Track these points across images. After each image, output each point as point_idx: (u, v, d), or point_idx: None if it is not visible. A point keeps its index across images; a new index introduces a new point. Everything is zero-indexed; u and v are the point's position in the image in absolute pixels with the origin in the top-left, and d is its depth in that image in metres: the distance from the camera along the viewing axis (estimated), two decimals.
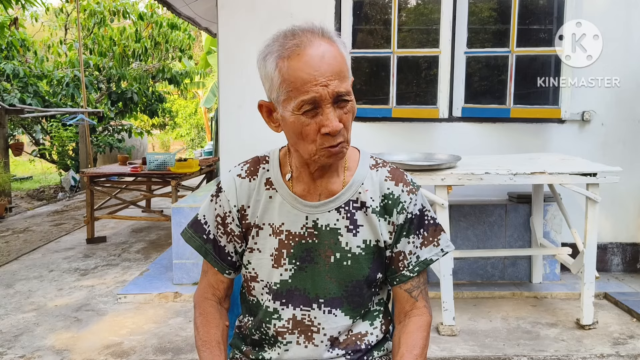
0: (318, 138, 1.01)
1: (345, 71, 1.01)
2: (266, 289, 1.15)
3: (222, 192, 1.16)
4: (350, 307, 1.13)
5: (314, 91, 0.97)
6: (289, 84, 0.99)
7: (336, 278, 1.12)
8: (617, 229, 4.08)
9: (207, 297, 1.20)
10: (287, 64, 0.98)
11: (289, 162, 1.15)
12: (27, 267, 4.54)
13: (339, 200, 1.12)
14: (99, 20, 10.44)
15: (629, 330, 3.08)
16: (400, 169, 1.19)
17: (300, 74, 0.97)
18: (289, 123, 1.02)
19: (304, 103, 0.98)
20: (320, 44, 1.00)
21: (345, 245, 1.12)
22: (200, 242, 1.19)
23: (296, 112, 1.00)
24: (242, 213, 1.15)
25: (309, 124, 1.00)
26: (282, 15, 3.95)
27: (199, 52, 16.50)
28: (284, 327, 1.14)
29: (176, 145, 18.41)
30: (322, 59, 0.98)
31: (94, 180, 5.35)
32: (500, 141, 4.02)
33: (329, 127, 0.99)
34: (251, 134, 4.01)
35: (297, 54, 0.98)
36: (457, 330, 3.03)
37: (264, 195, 1.14)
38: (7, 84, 8.75)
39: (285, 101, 1.01)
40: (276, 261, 1.13)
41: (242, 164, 1.20)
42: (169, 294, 3.66)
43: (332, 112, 0.99)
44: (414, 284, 1.15)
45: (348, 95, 1.01)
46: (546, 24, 4.06)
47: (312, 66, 0.97)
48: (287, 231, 1.13)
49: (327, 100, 0.98)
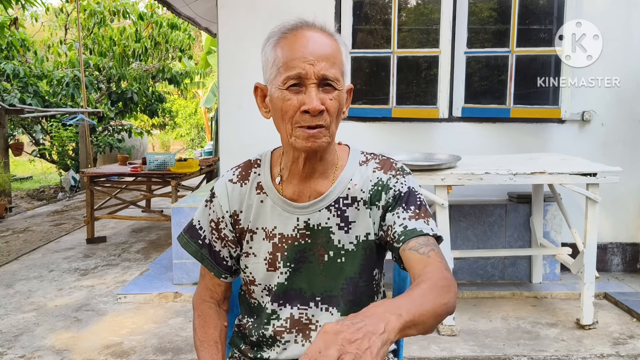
0: (297, 115, 1.01)
1: (339, 60, 1.03)
2: (265, 292, 1.16)
3: (215, 197, 1.17)
4: (347, 305, 1.13)
5: (300, 67, 1.00)
6: (279, 61, 1.02)
7: (331, 276, 1.12)
8: (617, 229, 4.08)
9: (205, 299, 1.21)
10: (281, 43, 1.03)
11: (280, 162, 1.15)
12: (27, 267, 4.54)
13: (328, 199, 1.11)
14: (99, 20, 10.43)
15: (629, 330, 3.08)
16: (390, 159, 1.17)
17: (290, 51, 1.01)
18: (274, 98, 1.04)
19: (289, 78, 1.00)
20: (318, 31, 1.04)
21: (338, 242, 1.11)
22: (196, 248, 1.19)
23: (281, 87, 1.01)
24: (235, 218, 1.16)
25: (290, 98, 1.01)
26: (282, 15, 3.90)
27: (199, 52, 16.50)
28: (282, 326, 1.14)
29: (176, 145, 18.40)
30: (316, 41, 1.02)
31: (94, 180, 5.35)
32: (500, 141, 4.02)
33: (309, 104, 0.99)
34: (251, 134, 4.01)
35: (293, 35, 1.03)
36: (457, 330, 3.03)
37: (255, 200, 1.14)
38: (7, 84, 8.75)
39: (274, 79, 1.03)
40: (271, 265, 1.13)
41: (234, 169, 1.20)
42: (169, 294, 3.66)
43: (314, 91, 1.00)
44: (419, 241, 1.01)
45: (336, 82, 1.02)
46: (546, 24, 4.06)
47: (303, 45, 1.01)
48: (279, 234, 1.12)
49: (311, 79, 1.00)
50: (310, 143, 1.03)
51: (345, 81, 1.08)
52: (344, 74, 1.06)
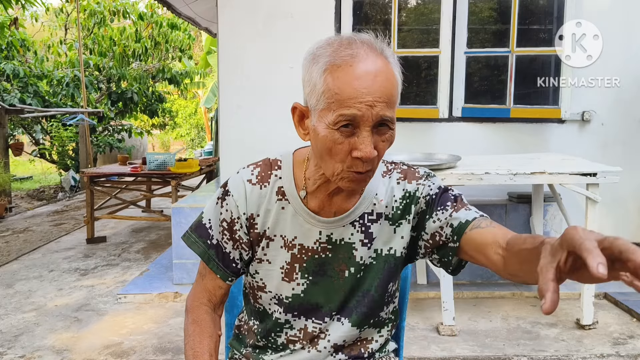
0: (347, 160, 0.92)
1: (395, 97, 0.93)
2: (275, 300, 1.11)
3: (229, 195, 1.08)
4: (358, 317, 1.10)
5: (357, 108, 0.88)
6: (332, 95, 0.90)
7: (349, 290, 1.09)
8: (617, 228, 4.08)
9: (202, 302, 1.14)
10: (335, 73, 0.90)
11: (304, 171, 1.07)
12: (27, 267, 4.54)
13: (354, 215, 1.07)
14: (99, 20, 10.43)
15: (629, 330, 3.08)
16: (411, 166, 1.13)
17: (347, 87, 0.89)
18: (321, 136, 0.93)
19: (343, 119, 0.89)
20: (376, 61, 0.91)
21: (360, 259, 1.08)
22: (204, 248, 1.11)
23: (332, 126, 0.90)
24: (251, 222, 1.08)
25: (342, 142, 0.91)
26: (282, 15, 3.94)
27: (199, 52, 16.50)
28: (295, 336, 1.12)
29: (176, 145, 18.40)
30: (375, 77, 0.89)
31: (94, 180, 5.35)
32: (500, 141, 4.02)
33: (362, 151, 0.90)
34: (251, 134, 4.01)
35: (349, 65, 0.89)
36: (457, 330, 3.03)
37: (275, 206, 1.08)
38: (7, 84, 8.75)
39: (322, 111, 0.92)
40: (287, 275, 1.09)
41: (252, 167, 1.11)
42: (169, 294, 3.66)
43: (369, 136, 0.90)
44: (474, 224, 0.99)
45: (392, 123, 0.93)
46: (546, 24, 4.06)
47: (362, 81, 0.88)
48: (300, 245, 1.07)
49: (368, 122, 0.89)
50: (355, 185, 0.97)
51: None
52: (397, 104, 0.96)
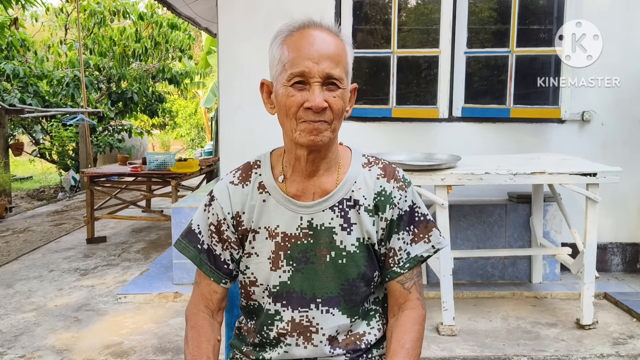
0: (300, 112, 1.04)
1: (342, 59, 1.06)
2: (266, 292, 1.15)
3: (214, 200, 1.16)
4: (347, 306, 1.14)
5: (304, 65, 1.02)
6: (285, 58, 1.04)
7: (332, 277, 1.12)
8: (617, 228, 4.08)
9: (200, 309, 1.18)
10: (288, 41, 1.06)
11: (282, 162, 1.15)
12: (27, 267, 4.54)
13: (333, 199, 1.12)
14: (99, 20, 10.43)
15: (628, 330, 3.08)
16: (392, 165, 1.19)
17: (295, 49, 1.04)
18: (279, 96, 1.06)
19: (294, 75, 1.03)
20: (325, 32, 1.07)
21: (340, 243, 1.12)
22: (195, 252, 1.17)
23: (286, 84, 1.04)
24: (237, 220, 1.15)
25: (294, 95, 1.03)
26: (282, 15, 3.93)
27: (199, 52, 16.50)
28: (284, 329, 1.14)
29: (176, 145, 18.40)
30: (321, 40, 1.04)
31: (94, 180, 5.35)
32: (500, 141, 4.02)
33: (312, 102, 1.02)
34: (251, 134, 4.01)
35: (299, 33, 1.06)
36: (457, 330, 3.03)
37: (257, 199, 1.14)
38: (7, 84, 8.75)
39: (280, 75, 1.06)
40: (274, 264, 1.13)
41: (233, 171, 1.20)
42: (169, 294, 3.66)
43: (318, 89, 1.03)
44: (407, 275, 1.15)
45: (340, 81, 1.04)
46: (546, 24, 4.06)
47: (308, 43, 1.04)
48: (282, 233, 1.13)
49: (315, 77, 1.02)
50: (313, 137, 1.04)
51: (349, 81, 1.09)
52: (348, 74, 1.08)
